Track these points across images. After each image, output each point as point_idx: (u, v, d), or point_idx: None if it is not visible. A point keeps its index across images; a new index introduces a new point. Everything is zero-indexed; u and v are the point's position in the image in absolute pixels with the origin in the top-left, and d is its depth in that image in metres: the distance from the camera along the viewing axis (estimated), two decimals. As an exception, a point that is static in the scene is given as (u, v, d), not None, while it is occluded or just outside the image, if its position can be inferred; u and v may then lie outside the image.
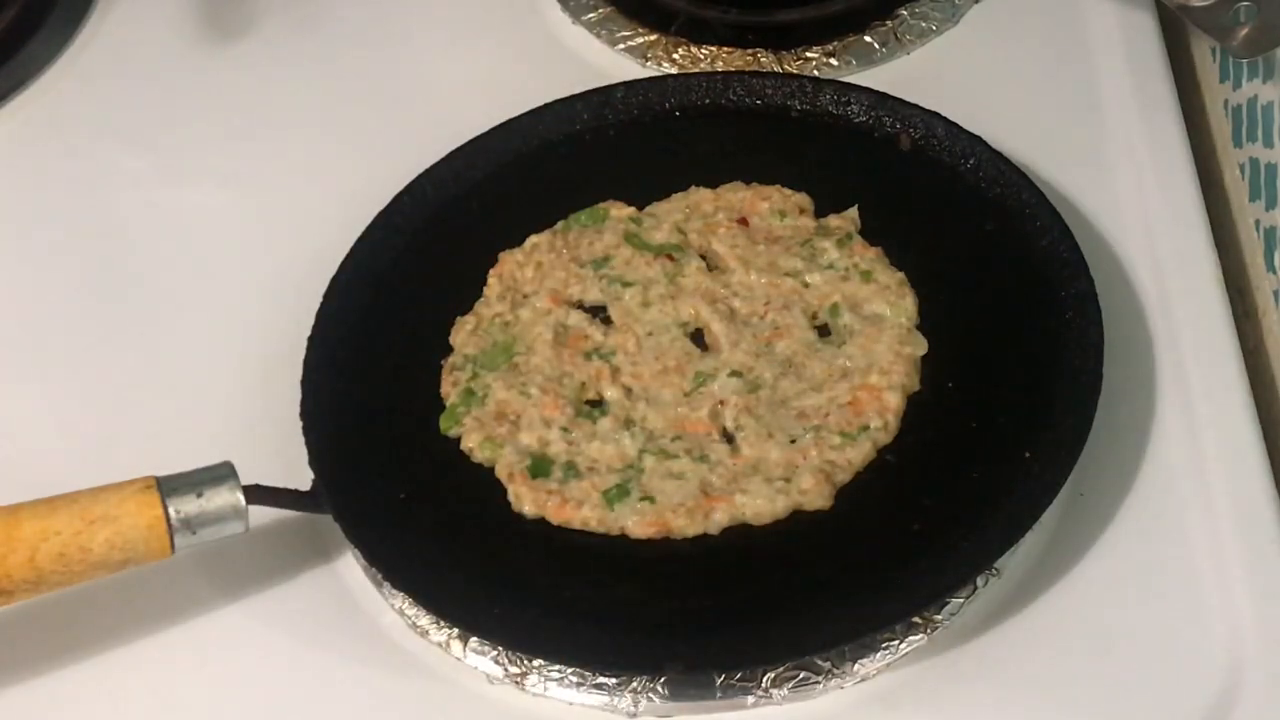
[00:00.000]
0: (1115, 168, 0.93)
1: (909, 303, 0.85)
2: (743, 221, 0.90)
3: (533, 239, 0.91)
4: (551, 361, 0.85)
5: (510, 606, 0.77)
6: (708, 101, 0.97)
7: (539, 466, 0.81)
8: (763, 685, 0.75)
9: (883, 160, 0.92)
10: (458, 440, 0.84)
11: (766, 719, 0.75)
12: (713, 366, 0.84)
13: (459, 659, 0.78)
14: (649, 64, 1.02)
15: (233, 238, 0.97)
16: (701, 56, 1.02)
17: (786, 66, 1.00)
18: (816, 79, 0.97)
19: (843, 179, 0.92)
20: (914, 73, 1.00)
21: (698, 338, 0.86)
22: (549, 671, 0.76)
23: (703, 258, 0.89)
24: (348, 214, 0.92)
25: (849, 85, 0.95)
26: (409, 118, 1.01)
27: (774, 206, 0.90)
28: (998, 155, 0.90)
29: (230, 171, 1.01)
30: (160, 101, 1.05)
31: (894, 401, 0.81)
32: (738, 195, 0.91)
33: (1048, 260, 0.86)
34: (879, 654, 0.75)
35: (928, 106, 0.93)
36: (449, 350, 0.87)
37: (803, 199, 0.91)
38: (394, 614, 0.80)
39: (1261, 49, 0.86)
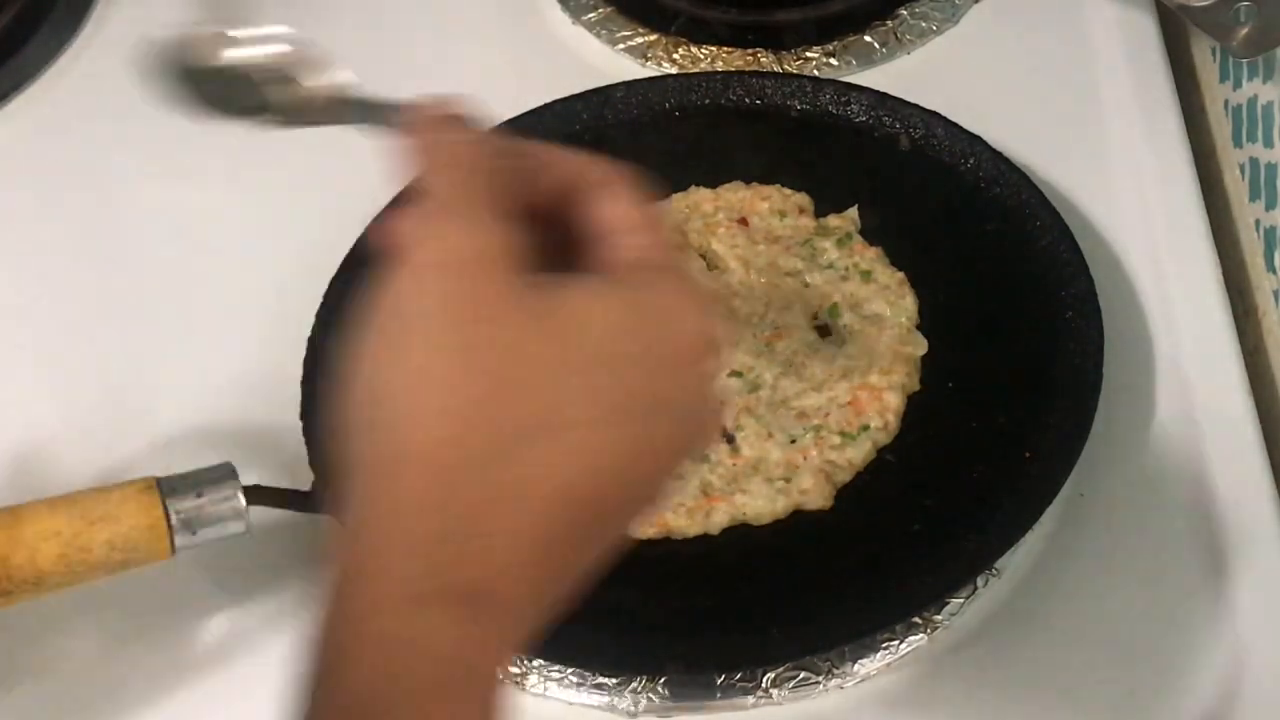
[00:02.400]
0: (1115, 168, 0.93)
1: (909, 303, 0.85)
2: (743, 221, 0.90)
3: (533, 239, 0.91)
4: (551, 361, 0.85)
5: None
6: (708, 101, 0.97)
7: (539, 466, 0.81)
8: (763, 685, 0.75)
9: (883, 160, 0.92)
10: (458, 440, 0.84)
11: (766, 719, 0.75)
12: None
13: (459, 659, 0.78)
14: (649, 64, 1.02)
15: (233, 237, 0.97)
16: (701, 56, 1.02)
17: (786, 66, 1.00)
18: (816, 79, 0.97)
19: (843, 179, 0.92)
20: (914, 73, 1.00)
21: (698, 338, 0.86)
22: (549, 671, 0.76)
23: (703, 258, 0.89)
24: (348, 214, 0.92)
25: (849, 85, 0.95)
26: (409, 118, 1.01)
27: (774, 206, 0.90)
28: (998, 155, 0.90)
29: (230, 171, 1.01)
30: (160, 102, 1.05)
31: (894, 401, 0.81)
32: (738, 195, 0.91)
33: (1048, 260, 0.86)
34: (879, 654, 0.75)
35: (928, 106, 0.93)
36: (449, 350, 0.87)
37: (803, 199, 0.91)
38: (394, 614, 0.79)
39: (1261, 49, 0.86)
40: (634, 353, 0.49)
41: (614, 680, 0.76)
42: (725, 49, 1.01)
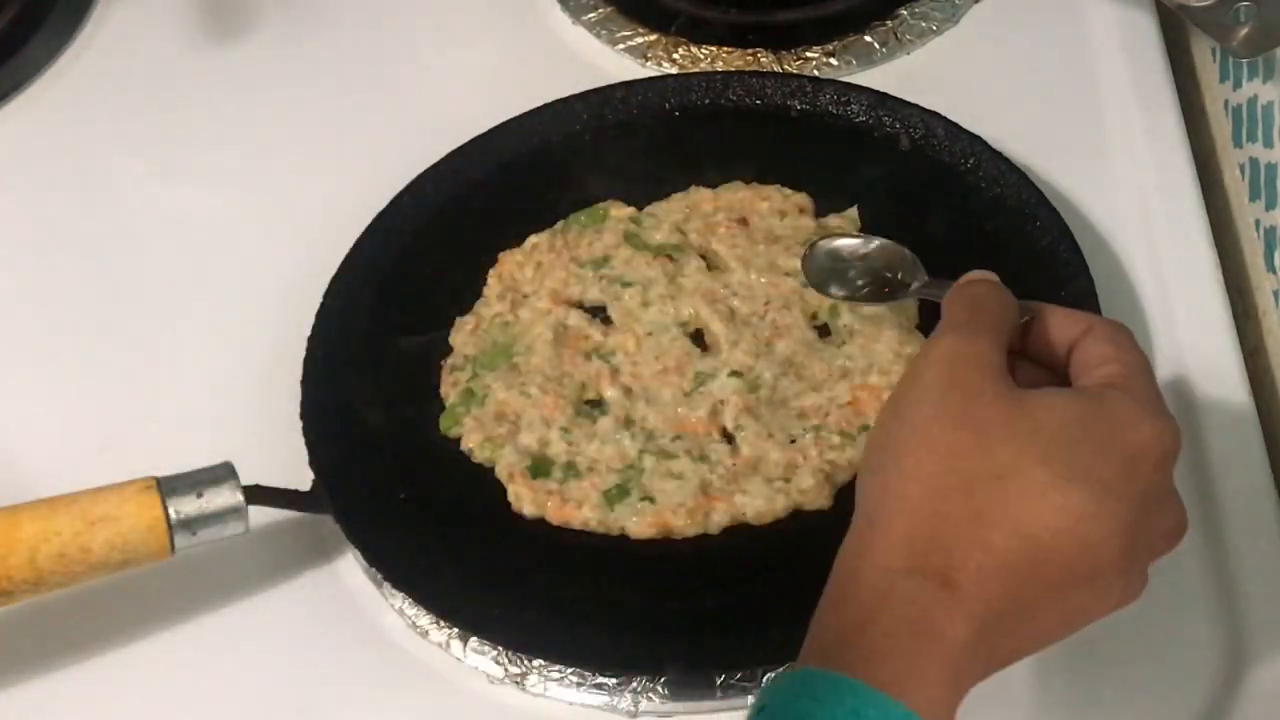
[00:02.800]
0: (1115, 168, 0.93)
1: (909, 303, 0.85)
2: (743, 221, 0.90)
3: (533, 239, 0.91)
4: (551, 361, 0.85)
5: (510, 606, 0.77)
6: (708, 101, 0.97)
7: (539, 466, 0.81)
8: (763, 685, 0.75)
9: (883, 160, 0.92)
10: (458, 440, 0.84)
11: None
12: (713, 366, 0.84)
13: (459, 659, 0.78)
14: (649, 64, 1.02)
15: (233, 237, 0.97)
16: (701, 56, 1.02)
17: (786, 66, 1.00)
18: (816, 79, 0.97)
19: (843, 179, 0.92)
20: (914, 73, 1.00)
21: (698, 338, 0.86)
22: (549, 671, 0.76)
23: (703, 258, 0.89)
24: (348, 214, 0.92)
25: (849, 85, 0.95)
26: (409, 118, 1.01)
27: (774, 206, 0.90)
28: (998, 155, 0.90)
29: (230, 171, 1.01)
30: (160, 101, 1.05)
31: (894, 401, 0.81)
32: (738, 195, 0.91)
33: (1048, 260, 0.86)
34: (879, 654, 0.75)
35: (928, 106, 0.93)
36: (449, 350, 0.87)
37: (803, 199, 0.91)
38: (394, 614, 0.80)
39: (1261, 49, 0.86)
40: (1088, 439, 0.61)
41: (614, 680, 0.76)
42: (725, 49, 1.02)
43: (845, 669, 0.58)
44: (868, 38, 1.01)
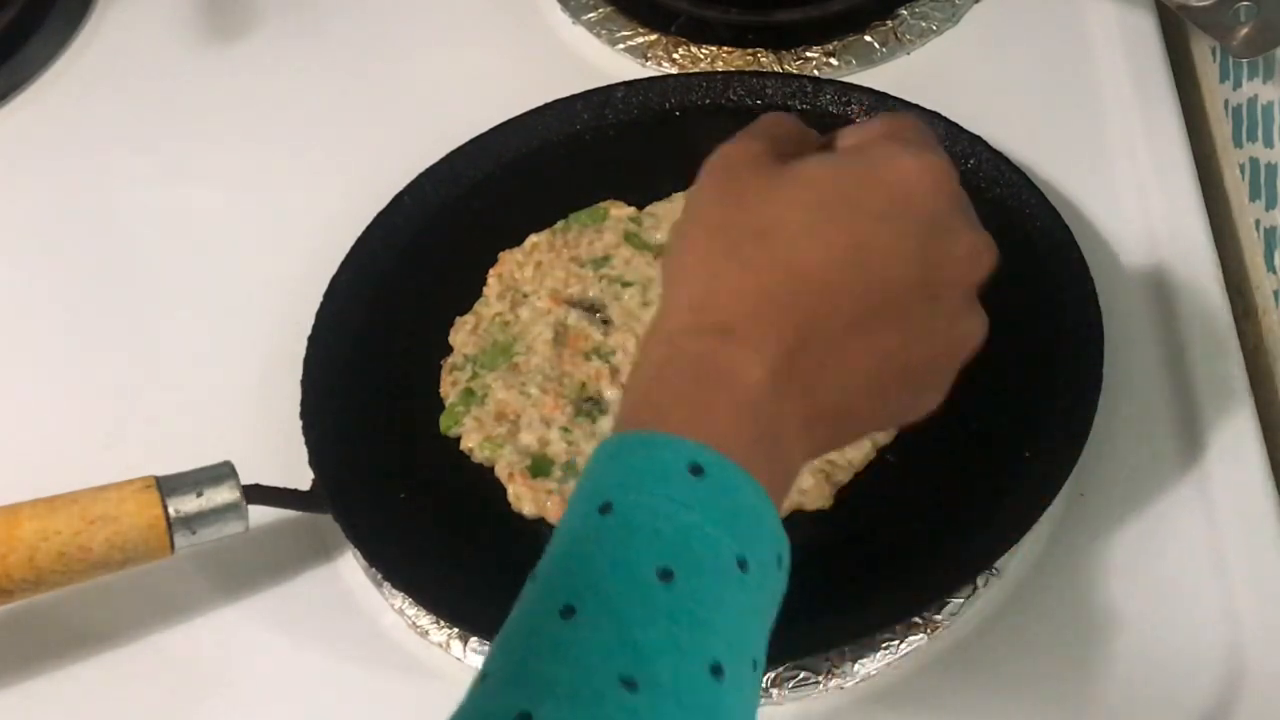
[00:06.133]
0: (1115, 168, 0.93)
1: None
2: (743, 221, 0.90)
3: (533, 239, 0.91)
4: (551, 361, 0.85)
5: (510, 606, 0.77)
6: (708, 101, 0.97)
7: (539, 466, 0.81)
8: (763, 685, 0.74)
9: (883, 160, 0.92)
10: (458, 440, 0.84)
11: (766, 719, 0.75)
12: (713, 366, 0.84)
13: (459, 659, 0.78)
14: (649, 64, 1.02)
15: (233, 238, 0.97)
16: (701, 56, 1.02)
17: (786, 66, 1.00)
18: (816, 79, 0.97)
19: (843, 179, 0.91)
20: (914, 73, 1.00)
21: (698, 338, 0.86)
22: (549, 671, 0.76)
23: (703, 258, 0.89)
24: (348, 214, 0.92)
25: (849, 85, 0.95)
26: (409, 118, 1.01)
27: (774, 206, 0.90)
28: (998, 155, 0.90)
29: (230, 171, 1.01)
30: (160, 101, 1.05)
31: (894, 401, 0.81)
32: (738, 195, 0.91)
33: (1048, 260, 0.86)
34: (879, 654, 0.75)
35: (928, 106, 0.93)
36: (449, 350, 0.87)
37: (803, 199, 0.90)
38: (394, 614, 0.80)
39: (1261, 49, 0.86)
40: (850, 178, 0.63)
41: (614, 680, 0.75)
42: (725, 49, 1.02)
43: (638, 430, 0.59)
44: (868, 38, 1.01)
